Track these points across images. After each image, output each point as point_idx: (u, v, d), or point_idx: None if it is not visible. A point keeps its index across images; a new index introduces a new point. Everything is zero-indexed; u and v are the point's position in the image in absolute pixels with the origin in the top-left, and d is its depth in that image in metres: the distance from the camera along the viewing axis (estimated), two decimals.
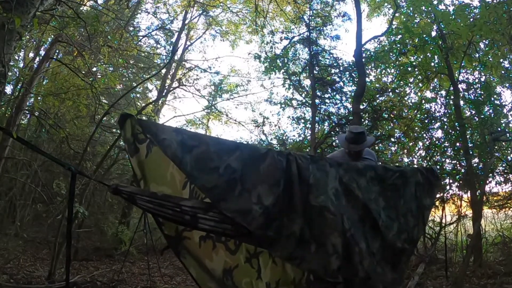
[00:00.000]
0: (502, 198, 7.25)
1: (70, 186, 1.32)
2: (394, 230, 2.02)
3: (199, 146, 1.46)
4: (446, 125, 7.55)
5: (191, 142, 1.45)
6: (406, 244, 2.06)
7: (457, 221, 6.42)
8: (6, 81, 1.57)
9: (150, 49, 11.80)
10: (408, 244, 2.10)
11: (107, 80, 6.77)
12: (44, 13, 4.70)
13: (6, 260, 4.77)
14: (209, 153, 1.47)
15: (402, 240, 2.05)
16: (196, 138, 1.50)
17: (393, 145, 8.50)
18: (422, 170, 2.39)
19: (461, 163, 7.04)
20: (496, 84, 7.98)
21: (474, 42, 6.83)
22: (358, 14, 6.01)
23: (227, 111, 13.89)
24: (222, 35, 12.93)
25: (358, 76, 6.60)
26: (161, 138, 1.41)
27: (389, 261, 1.94)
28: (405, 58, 8.08)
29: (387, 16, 9.93)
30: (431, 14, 7.07)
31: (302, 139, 9.25)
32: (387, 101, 8.21)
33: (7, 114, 6.59)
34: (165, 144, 1.40)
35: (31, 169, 6.98)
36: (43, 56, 6.95)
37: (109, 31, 7.49)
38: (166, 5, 11.20)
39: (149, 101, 11.35)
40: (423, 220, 2.34)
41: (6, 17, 1.61)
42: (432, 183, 2.38)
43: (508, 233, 6.69)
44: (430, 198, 2.36)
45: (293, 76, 9.13)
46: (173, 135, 1.43)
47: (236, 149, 1.55)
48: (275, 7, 9.67)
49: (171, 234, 1.53)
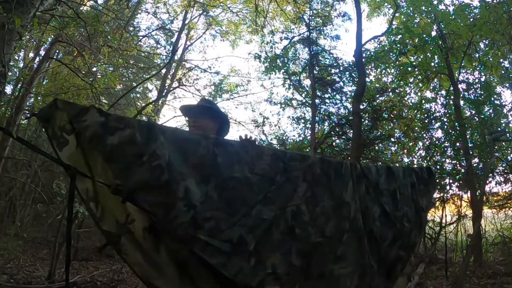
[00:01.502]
0: (502, 198, 7.26)
1: (70, 186, 1.31)
2: (389, 238, 1.95)
3: (124, 129, 1.29)
4: (446, 125, 7.55)
5: (115, 124, 1.29)
6: (401, 251, 2.00)
7: (457, 221, 6.43)
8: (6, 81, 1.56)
9: (150, 49, 11.81)
10: (404, 250, 2.03)
11: (107, 80, 6.77)
12: (44, 13, 4.69)
13: (6, 260, 4.77)
14: (134, 137, 1.29)
15: (397, 247, 1.99)
16: (122, 120, 1.32)
17: (393, 145, 8.51)
18: (416, 170, 2.35)
19: (461, 163, 7.05)
20: (496, 84, 7.99)
21: (474, 42, 6.83)
22: (358, 14, 6.00)
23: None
24: (222, 35, 12.94)
25: (358, 76, 6.60)
26: (81, 119, 1.25)
27: (384, 271, 1.89)
28: (405, 58, 8.09)
29: (387, 16, 9.95)
30: (431, 14, 7.07)
31: (302, 139, 9.26)
32: (387, 101, 8.21)
33: (7, 114, 6.59)
34: (83, 125, 1.25)
35: (31, 169, 6.98)
36: (43, 56, 6.95)
37: (109, 31, 7.49)
38: (166, 5, 11.21)
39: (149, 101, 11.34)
40: (420, 223, 2.27)
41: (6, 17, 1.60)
42: (427, 182, 2.34)
43: (508, 233, 6.69)
44: (426, 198, 2.30)
45: (293, 76, 9.13)
46: (96, 116, 1.27)
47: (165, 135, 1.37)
48: (275, 7, 9.67)
49: (111, 229, 1.33)
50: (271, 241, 1.50)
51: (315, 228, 1.64)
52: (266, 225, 1.50)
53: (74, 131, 1.29)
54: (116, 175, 1.27)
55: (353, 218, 1.78)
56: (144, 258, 1.36)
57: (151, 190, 1.28)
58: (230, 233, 1.40)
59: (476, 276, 4.94)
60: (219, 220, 1.39)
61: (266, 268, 1.45)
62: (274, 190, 1.56)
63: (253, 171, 1.53)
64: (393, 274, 1.97)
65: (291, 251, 1.54)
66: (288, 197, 1.60)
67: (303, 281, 1.56)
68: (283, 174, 1.61)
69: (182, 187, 1.33)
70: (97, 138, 1.26)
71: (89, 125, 1.25)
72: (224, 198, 1.42)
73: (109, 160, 1.27)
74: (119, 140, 1.28)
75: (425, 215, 2.41)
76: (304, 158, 1.74)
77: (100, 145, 1.26)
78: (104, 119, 1.27)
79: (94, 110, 1.28)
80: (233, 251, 1.39)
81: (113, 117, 1.30)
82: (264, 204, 1.51)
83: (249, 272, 1.41)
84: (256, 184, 1.52)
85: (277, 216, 1.53)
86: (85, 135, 1.26)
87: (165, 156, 1.32)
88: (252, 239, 1.44)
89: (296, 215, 1.60)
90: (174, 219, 1.29)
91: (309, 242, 1.61)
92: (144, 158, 1.29)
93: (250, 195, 1.50)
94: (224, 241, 1.38)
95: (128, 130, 1.29)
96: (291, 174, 1.64)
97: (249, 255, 1.43)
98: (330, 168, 1.80)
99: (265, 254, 1.47)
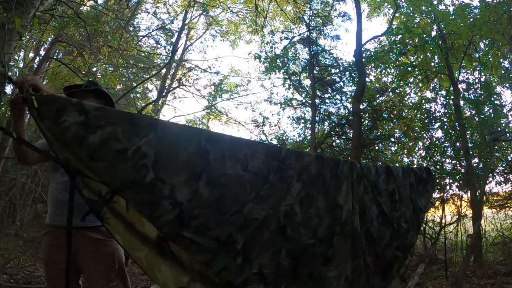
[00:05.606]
0: (502, 198, 7.26)
1: (70, 186, 1.31)
2: (386, 238, 1.95)
3: (105, 127, 1.25)
4: (446, 125, 7.56)
5: (95, 122, 1.24)
6: (398, 251, 2.00)
7: (457, 221, 6.43)
8: (6, 81, 1.56)
9: (150, 49, 11.81)
10: (401, 251, 2.03)
11: (107, 80, 6.78)
12: (44, 13, 4.70)
13: (6, 260, 4.77)
14: (116, 134, 1.26)
15: (393, 247, 1.99)
16: (103, 117, 1.26)
17: (393, 145, 8.51)
18: (415, 170, 2.35)
19: (461, 163, 7.05)
20: (496, 84, 7.99)
21: (474, 42, 6.83)
22: (358, 14, 6.00)
23: (227, 111, 13.95)
24: (222, 35, 12.96)
25: (358, 76, 6.60)
26: (60, 120, 1.21)
27: (379, 271, 1.89)
28: (405, 58, 8.09)
29: (387, 16, 9.95)
30: (431, 14, 7.07)
31: (302, 139, 9.26)
32: (387, 101, 8.21)
33: (7, 114, 6.59)
34: (64, 126, 1.21)
35: (31, 169, 6.97)
36: (43, 56, 6.95)
37: (109, 31, 7.49)
38: (166, 5, 11.21)
39: (149, 101, 11.36)
40: (418, 224, 2.28)
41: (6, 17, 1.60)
42: (426, 181, 2.35)
43: (508, 233, 6.69)
44: (425, 198, 2.31)
45: (293, 76, 9.13)
46: (75, 116, 1.23)
47: (152, 131, 1.32)
48: (275, 7, 9.67)
49: (93, 197, 1.30)
50: (261, 240, 1.49)
51: (307, 229, 1.63)
52: (257, 224, 1.48)
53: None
54: (101, 174, 1.25)
55: (344, 221, 1.77)
56: (127, 229, 1.34)
57: (137, 189, 1.26)
58: (219, 231, 1.38)
59: (476, 276, 4.94)
60: (207, 218, 1.37)
61: (252, 267, 1.44)
62: (267, 189, 1.54)
63: (246, 168, 1.51)
64: (389, 274, 1.97)
65: (281, 251, 1.53)
66: (282, 196, 1.59)
67: (291, 282, 1.55)
68: (277, 173, 1.59)
69: (168, 186, 1.31)
70: (78, 139, 1.23)
71: (69, 126, 1.21)
72: (215, 196, 1.40)
73: (93, 159, 1.24)
74: (101, 137, 1.24)
75: (423, 215, 2.41)
76: (299, 157, 1.71)
77: (82, 146, 1.23)
78: (84, 118, 1.23)
79: (73, 108, 1.23)
80: (220, 249, 1.38)
81: (93, 114, 1.25)
82: (256, 203, 1.49)
83: (234, 271, 1.40)
84: (248, 182, 1.50)
85: (269, 215, 1.52)
86: (66, 137, 1.22)
87: (151, 154, 1.29)
88: (241, 237, 1.43)
89: (289, 215, 1.58)
90: (159, 217, 1.27)
91: (301, 243, 1.60)
92: (129, 153, 1.26)
93: (242, 193, 1.48)
94: (211, 239, 1.36)
95: (109, 127, 1.26)
96: (285, 173, 1.62)
97: (237, 253, 1.41)
98: (326, 168, 1.78)
99: (253, 253, 1.46)
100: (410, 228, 2.13)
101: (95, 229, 1.81)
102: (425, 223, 5.95)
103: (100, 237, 1.82)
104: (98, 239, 1.82)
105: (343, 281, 1.71)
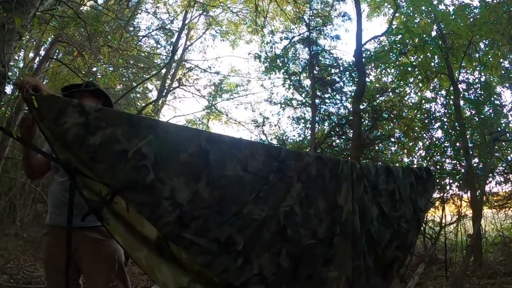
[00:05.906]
0: (502, 198, 7.26)
1: (70, 186, 1.30)
2: (386, 238, 1.95)
3: (105, 128, 1.25)
4: (446, 125, 7.55)
5: (96, 123, 1.25)
6: (398, 251, 2.00)
7: (457, 221, 6.43)
8: (6, 81, 1.56)
9: (150, 49, 11.81)
10: (401, 251, 2.03)
11: (107, 80, 6.77)
12: (44, 13, 4.69)
13: (6, 260, 4.77)
14: (116, 135, 1.26)
15: (394, 248, 1.99)
16: (103, 118, 1.27)
17: (393, 145, 8.51)
18: (415, 170, 2.35)
19: (461, 163, 7.05)
20: (496, 84, 7.98)
21: (474, 42, 6.83)
22: (358, 14, 6.00)
23: (227, 111, 13.95)
24: (222, 35, 12.95)
25: (358, 76, 6.60)
26: (61, 122, 1.21)
27: (380, 271, 1.89)
28: (405, 58, 8.09)
29: (387, 16, 9.94)
30: (431, 14, 7.07)
31: (302, 139, 9.26)
32: (387, 101, 8.22)
33: (7, 114, 6.59)
34: (64, 128, 1.21)
35: None
36: (43, 56, 6.94)
37: (109, 31, 7.49)
38: (166, 5, 11.21)
39: (149, 101, 11.36)
40: (418, 224, 2.27)
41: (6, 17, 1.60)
42: (426, 181, 2.35)
43: (508, 233, 6.69)
44: (425, 198, 2.31)
45: (293, 76, 9.13)
46: (75, 117, 1.23)
47: (152, 132, 1.32)
48: (275, 7, 9.67)
49: (93, 198, 1.30)
50: (261, 241, 1.49)
51: (307, 230, 1.63)
52: (257, 225, 1.48)
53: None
54: (102, 175, 1.25)
55: (344, 222, 1.77)
56: (127, 230, 1.34)
57: (137, 190, 1.27)
58: (219, 232, 1.38)
59: (476, 276, 4.94)
60: (207, 219, 1.37)
61: (253, 268, 1.44)
62: (267, 190, 1.54)
63: (246, 169, 1.51)
64: (389, 275, 1.97)
65: (281, 252, 1.53)
66: (282, 197, 1.59)
67: (291, 283, 1.55)
68: (277, 174, 1.60)
69: (168, 187, 1.31)
70: (79, 141, 1.22)
71: (69, 128, 1.21)
72: (215, 197, 1.40)
73: (93, 160, 1.24)
74: (102, 139, 1.24)
75: (423, 215, 2.41)
76: (299, 157, 1.71)
77: (83, 147, 1.23)
78: (85, 119, 1.23)
79: (73, 109, 1.23)
80: (220, 250, 1.38)
81: (94, 115, 1.25)
82: (256, 204, 1.49)
83: (235, 272, 1.40)
84: (248, 183, 1.50)
85: (268, 216, 1.52)
86: (66, 138, 1.22)
87: (151, 155, 1.30)
88: (241, 238, 1.42)
89: (289, 216, 1.58)
90: (159, 218, 1.28)
91: (301, 244, 1.60)
92: (129, 154, 1.26)
93: (242, 194, 1.48)
94: (211, 240, 1.36)
95: (109, 128, 1.26)
96: (285, 174, 1.62)
97: (237, 254, 1.41)
98: (326, 169, 1.78)
99: (253, 254, 1.45)
100: (410, 228, 2.12)
101: (95, 229, 1.80)
102: (425, 223, 5.96)
103: (100, 237, 1.82)
104: (98, 239, 1.82)
105: (344, 281, 1.71)
